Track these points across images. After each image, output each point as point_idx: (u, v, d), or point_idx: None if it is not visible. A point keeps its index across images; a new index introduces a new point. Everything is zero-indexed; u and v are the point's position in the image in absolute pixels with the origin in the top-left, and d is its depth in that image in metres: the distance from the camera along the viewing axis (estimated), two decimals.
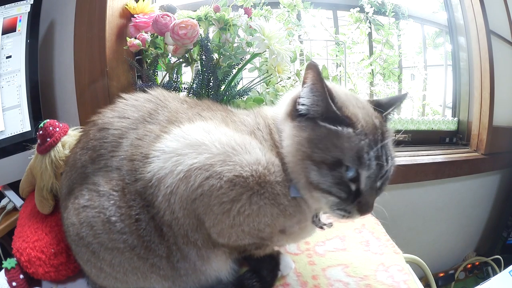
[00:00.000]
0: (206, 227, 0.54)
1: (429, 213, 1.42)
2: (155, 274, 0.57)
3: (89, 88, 1.03)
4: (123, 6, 1.07)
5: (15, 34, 0.95)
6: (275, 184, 0.53)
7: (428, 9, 1.51)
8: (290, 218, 0.56)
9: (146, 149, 0.55)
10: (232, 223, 0.53)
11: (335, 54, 1.44)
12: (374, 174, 0.52)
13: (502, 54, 1.36)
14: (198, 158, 0.51)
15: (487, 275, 1.50)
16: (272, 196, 0.53)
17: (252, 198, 0.52)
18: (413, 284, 0.68)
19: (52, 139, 0.75)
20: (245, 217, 0.53)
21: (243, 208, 0.52)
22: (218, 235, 0.55)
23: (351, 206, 0.52)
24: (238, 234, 0.55)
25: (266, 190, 0.53)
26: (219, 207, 0.52)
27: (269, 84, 0.99)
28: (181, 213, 0.53)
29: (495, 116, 1.35)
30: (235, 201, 0.52)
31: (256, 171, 0.52)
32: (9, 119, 0.94)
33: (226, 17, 0.94)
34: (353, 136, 0.51)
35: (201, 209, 0.52)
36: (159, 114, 0.60)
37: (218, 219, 0.53)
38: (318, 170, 0.51)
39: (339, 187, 0.51)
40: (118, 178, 0.56)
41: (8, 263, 0.69)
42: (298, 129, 0.54)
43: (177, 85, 0.96)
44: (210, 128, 0.55)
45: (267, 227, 0.55)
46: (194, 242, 0.55)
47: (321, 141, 0.52)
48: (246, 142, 0.54)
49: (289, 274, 0.70)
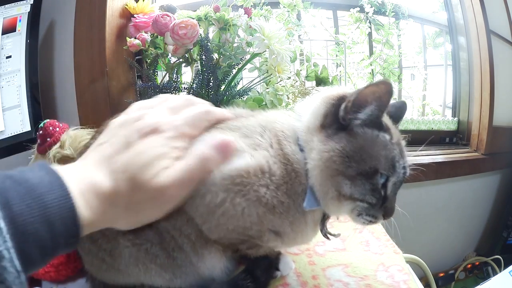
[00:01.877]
0: (197, 223, 0.54)
1: (429, 213, 1.42)
2: (153, 264, 0.56)
3: (89, 88, 1.03)
4: (123, 6, 1.07)
5: (15, 34, 0.95)
6: (257, 186, 0.51)
7: (428, 9, 1.52)
8: (281, 217, 0.54)
9: None
10: (217, 223, 0.52)
11: (335, 54, 1.44)
12: (400, 181, 0.53)
13: (502, 54, 1.36)
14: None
15: (487, 275, 1.50)
16: (255, 197, 0.51)
17: (234, 200, 0.50)
18: (413, 284, 0.68)
19: (52, 139, 0.75)
20: (228, 217, 0.52)
21: (227, 210, 0.51)
22: (208, 231, 0.54)
23: (379, 211, 0.52)
24: (225, 232, 0.54)
25: (248, 191, 0.50)
26: (204, 208, 0.51)
27: (269, 84, 0.99)
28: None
29: (495, 116, 1.35)
30: (219, 206, 0.51)
31: (237, 174, 0.50)
32: (9, 119, 0.94)
33: (226, 17, 0.94)
34: (389, 144, 0.51)
35: (188, 207, 0.52)
36: None
37: (204, 218, 0.52)
38: (352, 182, 0.50)
39: (373, 194, 0.51)
40: None
41: None
42: (329, 142, 0.51)
43: (177, 85, 0.96)
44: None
45: (254, 225, 0.54)
46: (187, 235, 0.54)
47: (357, 153, 0.50)
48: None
49: (289, 274, 0.69)
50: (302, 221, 0.57)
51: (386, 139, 0.51)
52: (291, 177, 0.54)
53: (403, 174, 0.53)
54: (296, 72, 1.09)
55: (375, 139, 0.50)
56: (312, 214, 0.57)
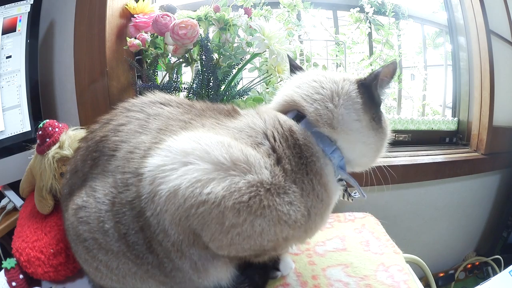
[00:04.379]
0: (204, 241, 0.51)
1: (429, 213, 1.42)
2: (152, 279, 0.56)
3: (89, 88, 1.03)
4: (123, 6, 1.06)
5: (15, 34, 0.95)
6: (282, 206, 0.50)
7: (428, 9, 1.51)
8: (299, 227, 0.53)
9: (137, 163, 0.52)
10: (230, 242, 0.50)
11: (335, 54, 1.44)
12: None
13: (502, 54, 1.36)
14: (186, 178, 0.47)
15: (487, 275, 1.50)
16: (277, 218, 0.49)
17: (255, 221, 0.48)
18: (413, 284, 0.68)
19: (51, 140, 0.75)
20: (245, 237, 0.50)
21: (244, 231, 0.49)
22: (217, 249, 0.52)
23: None
24: (238, 250, 0.52)
25: (271, 212, 0.49)
26: (217, 226, 0.48)
27: (269, 84, 0.99)
28: (174, 230, 0.50)
29: (495, 116, 1.35)
30: (235, 226, 0.48)
31: (256, 193, 0.48)
32: (9, 119, 0.94)
33: (226, 17, 0.94)
34: None
35: (197, 225, 0.49)
36: (149, 123, 0.57)
37: (215, 236, 0.49)
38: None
39: None
40: (112, 184, 0.54)
41: (7, 263, 0.69)
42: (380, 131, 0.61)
43: (177, 85, 0.96)
44: (204, 137, 0.51)
45: (271, 242, 0.52)
46: (189, 256, 0.53)
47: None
48: (248, 154, 0.50)
49: (289, 274, 0.69)
50: (326, 209, 0.58)
51: None
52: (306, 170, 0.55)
53: None
54: None
55: None
56: (335, 194, 0.60)
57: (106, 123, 0.61)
